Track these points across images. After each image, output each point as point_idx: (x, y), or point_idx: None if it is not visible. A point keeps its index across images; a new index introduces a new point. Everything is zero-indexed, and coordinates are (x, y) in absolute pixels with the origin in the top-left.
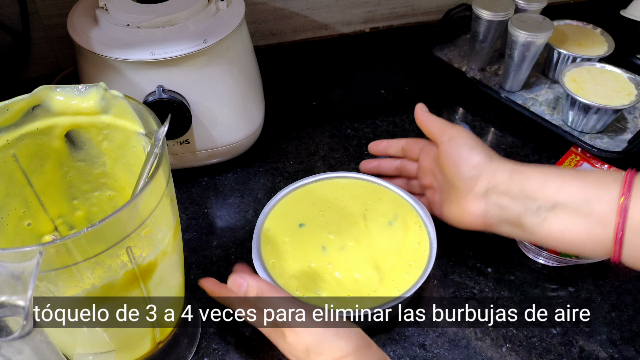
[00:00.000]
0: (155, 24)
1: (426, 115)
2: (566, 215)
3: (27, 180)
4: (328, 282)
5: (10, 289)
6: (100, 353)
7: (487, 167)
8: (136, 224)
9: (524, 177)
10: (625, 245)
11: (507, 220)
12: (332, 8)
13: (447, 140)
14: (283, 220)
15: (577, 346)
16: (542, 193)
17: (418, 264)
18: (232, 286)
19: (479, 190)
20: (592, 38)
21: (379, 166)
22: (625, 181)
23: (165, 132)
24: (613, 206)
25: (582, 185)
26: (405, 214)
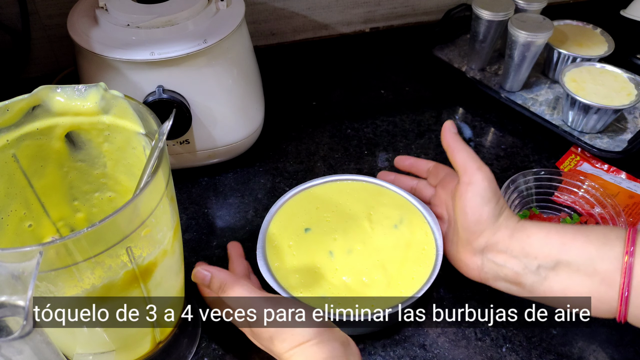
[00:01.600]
0: (155, 24)
1: (454, 140)
2: (568, 274)
3: (28, 182)
4: (335, 286)
5: (10, 289)
6: (100, 353)
7: (491, 225)
8: (136, 224)
9: (525, 235)
10: (631, 304)
11: (504, 277)
12: (332, 8)
13: (466, 182)
14: (288, 224)
15: (577, 346)
16: (543, 251)
17: (424, 268)
18: (196, 278)
19: (477, 246)
20: (592, 38)
21: (395, 181)
22: (629, 238)
23: (169, 126)
24: (617, 265)
25: (585, 242)
26: (411, 216)
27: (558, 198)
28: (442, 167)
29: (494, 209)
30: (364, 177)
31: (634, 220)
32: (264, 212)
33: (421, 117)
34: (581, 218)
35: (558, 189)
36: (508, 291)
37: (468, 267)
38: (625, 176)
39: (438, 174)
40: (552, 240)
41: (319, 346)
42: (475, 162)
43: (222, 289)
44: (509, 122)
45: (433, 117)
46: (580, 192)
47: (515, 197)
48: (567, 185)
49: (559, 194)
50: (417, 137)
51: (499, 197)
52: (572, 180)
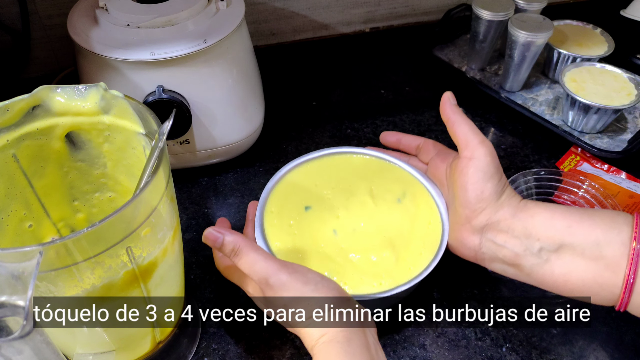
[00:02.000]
0: (155, 24)
1: (454, 112)
2: (572, 258)
3: (28, 182)
4: (341, 266)
5: (10, 289)
6: (100, 353)
7: (493, 203)
8: (136, 224)
9: (529, 215)
10: (634, 292)
11: (502, 258)
12: (332, 8)
13: (467, 157)
14: (286, 202)
15: (577, 346)
16: (547, 233)
17: (432, 242)
18: (207, 239)
19: (477, 224)
20: (592, 38)
21: None
22: (637, 224)
23: (169, 126)
24: (624, 250)
25: (591, 226)
26: (414, 190)
27: (558, 198)
28: (433, 144)
29: (496, 185)
30: (364, 150)
31: None
32: None
33: (421, 117)
34: None
35: (558, 189)
36: (504, 273)
37: (465, 247)
38: (625, 176)
39: (429, 150)
40: (557, 221)
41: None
42: (477, 136)
43: (235, 253)
44: (509, 122)
45: (433, 117)
46: (580, 192)
47: None
48: (567, 185)
49: (559, 194)
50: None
51: (501, 174)
52: (572, 180)
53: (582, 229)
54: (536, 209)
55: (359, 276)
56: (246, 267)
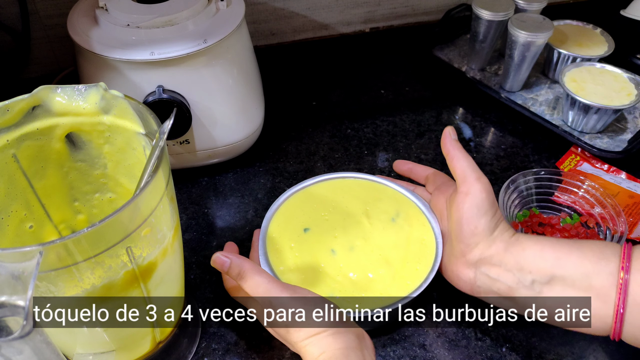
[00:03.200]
0: (155, 24)
1: (454, 147)
2: (563, 289)
3: (29, 182)
4: (341, 284)
5: (10, 289)
6: (100, 353)
7: (486, 238)
8: (136, 224)
9: (520, 248)
10: (626, 322)
11: (497, 291)
12: (332, 8)
13: (464, 192)
14: (286, 226)
15: (577, 346)
16: (538, 266)
17: (426, 258)
18: (215, 263)
19: (471, 258)
20: (592, 38)
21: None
22: (624, 254)
23: (170, 125)
24: (613, 281)
25: (580, 257)
26: (407, 209)
27: (558, 198)
28: (440, 175)
29: (490, 221)
30: (358, 174)
31: (634, 220)
32: (263, 212)
33: (421, 117)
34: (581, 218)
35: (558, 189)
36: (500, 305)
37: (460, 280)
38: (625, 176)
39: (435, 181)
40: (547, 254)
41: (334, 336)
42: (474, 172)
43: (240, 276)
44: (509, 122)
45: (433, 117)
46: (580, 192)
47: (515, 197)
48: (567, 185)
49: (559, 194)
50: (417, 137)
51: (495, 209)
52: (572, 180)
53: (571, 261)
54: (527, 242)
55: (360, 294)
56: (250, 289)
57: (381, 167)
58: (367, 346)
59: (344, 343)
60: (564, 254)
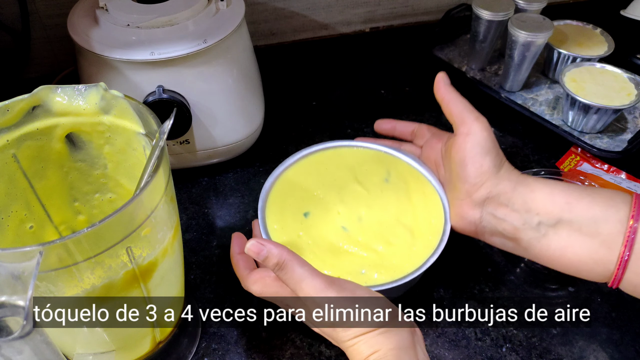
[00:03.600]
0: (155, 24)
1: (449, 91)
2: (569, 233)
3: (29, 183)
4: (369, 258)
5: (10, 289)
6: (100, 353)
7: (493, 176)
8: (136, 224)
9: (529, 189)
10: (628, 269)
11: (502, 232)
12: (332, 8)
13: (464, 133)
14: (284, 216)
15: (577, 346)
16: (546, 208)
17: (435, 207)
18: (250, 250)
19: (478, 198)
20: (592, 38)
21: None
22: (635, 203)
23: (170, 125)
24: (621, 228)
25: (590, 203)
26: (395, 166)
27: None
28: (427, 127)
29: (494, 159)
30: (333, 143)
31: None
32: None
33: (421, 117)
34: None
35: None
36: (502, 247)
37: (465, 221)
38: (625, 176)
39: (424, 134)
40: (557, 197)
41: (386, 335)
42: (472, 113)
43: (280, 267)
44: (509, 122)
45: (433, 117)
46: None
47: None
48: None
49: None
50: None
51: (498, 148)
52: (572, 180)
53: (580, 206)
54: (536, 184)
55: (390, 261)
56: (292, 282)
57: None
58: (419, 341)
59: (397, 342)
60: (574, 199)
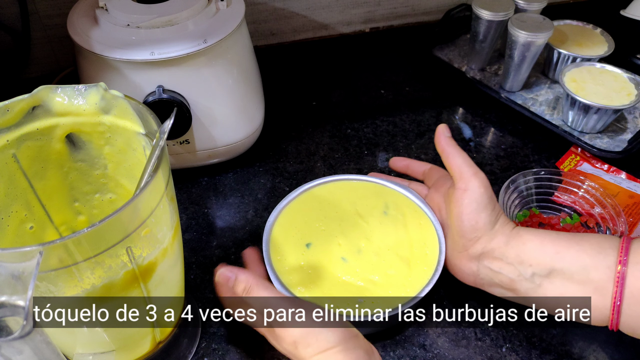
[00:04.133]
0: (155, 24)
1: (449, 144)
2: (562, 282)
3: (29, 183)
4: (365, 288)
5: (10, 289)
6: (100, 353)
7: (488, 232)
8: (136, 224)
9: (521, 242)
10: (623, 313)
11: (499, 283)
12: (332, 8)
13: (462, 188)
14: (286, 246)
15: (577, 346)
16: (538, 259)
17: (431, 238)
18: (220, 279)
19: (474, 252)
20: (592, 38)
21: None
22: (622, 248)
23: (170, 125)
24: (610, 274)
25: (578, 251)
26: (394, 200)
27: (558, 198)
28: (436, 170)
29: (490, 215)
30: (334, 177)
31: (634, 220)
32: (264, 212)
33: (421, 117)
34: (581, 218)
35: (558, 189)
36: (503, 296)
37: (464, 273)
38: (625, 176)
39: (433, 176)
40: (547, 248)
41: (344, 353)
42: (471, 168)
43: (247, 291)
44: (509, 122)
45: (433, 117)
46: (580, 192)
47: (515, 197)
48: (567, 185)
49: (559, 194)
50: (417, 137)
51: (494, 203)
52: (572, 180)
53: (570, 255)
54: (527, 235)
55: (386, 291)
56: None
57: (381, 167)
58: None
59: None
60: (563, 248)
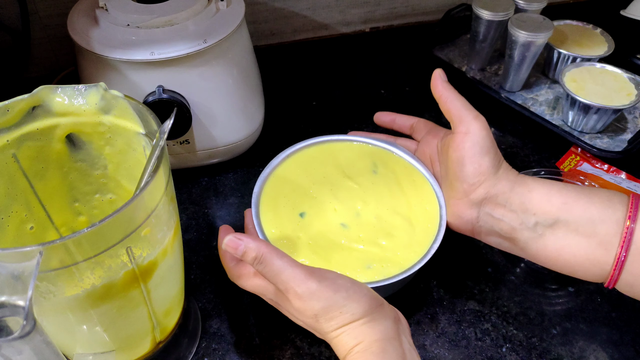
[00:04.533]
0: (155, 24)
1: (446, 88)
2: (566, 234)
3: (29, 183)
4: (374, 253)
5: (10, 289)
6: (100, 353)
7: (492, 176)
8: (136, 224)
9: (527, 189)
10: (624, 270)
11: (499, 232)
12: (332, 8)
13: (463, 132)
14: (279, 217)
15: (577, 346)
16: (543, 208)
17: (427, 193)
18: (228, 247)
19: (475, 198)
20: (592, 38)
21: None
22: (632, 204)
23: (170, 125)
24: (618, 228)
25: (587, 203)
26: (381, 157)
27: None
28: (425, 122)
29: (493, 159)
30: (315, 140)
31: None
32: None
33: (421, 117)
34: None
35: None
36: (499, 246)
37: (462, 220)
38: (625, 176)
39: (421, 129)
40: (554, 197)
41: (370, 325)
42: (471, 111)
43: (259, 261)
44: (509, 122)
45: (433, 117)
46: None
47: None
48: None
49: None
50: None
51: (496, 148)
52: (572, 180)
53: (578, 206)
54: (534, 184)
55: (394, 253)
56: (271, 275)
57: None
58: (404, 330)
59: (381, 333)
60: (571, 199)
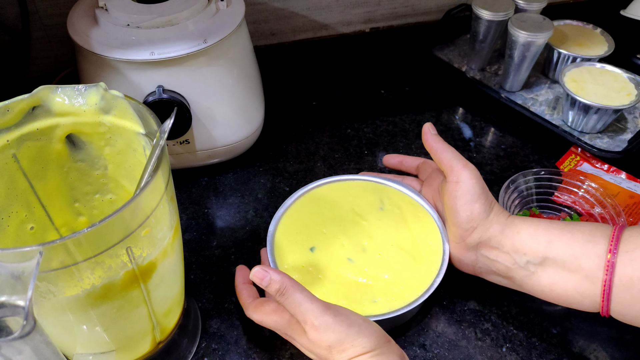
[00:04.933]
0: (155, 24)
1: (436, 141)
2: (554, 270)
3: (29, 183)
4: (379, 287)
5: (10, 289)
6: (100, 353)
7: (483, 221)
8: (136, 224)
9: (515, 231)
10: (613, 300)
11: (496, 271)
12: (332, 8)
13: (454, 181)
14: (292, 252)
15: (577, 346)
16: (532, 248)
17: (431, 229)
18: (255, 276)
19: (471, 242)
20: (592, 38)
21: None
22: (613, 237)
23: (171, 124)
24: (600, 262)
25: (570, 240)
26: (388, 194)
27: (558, 198)
28: (429, 163)
29: (484, 205)
30: (328, 179)
31: (634, 220)
32: (264, 212)
33: (421, 117)
34: (581, 218)
35: (558, 189)
36: (500, 284)
37: (462, 262)
38: (625, 176)
39: (426, 170)
40: (540, 236)
41: (378, 357)
42: (460, 161)
43: (281, 292)
44: (509, 122)
45: (433, 117)
46: (580, 192)
47: (515, 197)
48: (567, 185)
49: (559, 194)
50: (417, 137)
51: (487, 193)
52: (572, 180)
53: (562, 243)
54: (521, 225)
55: (398, 287)
56: (292, 306)
57: (381, 167)
58: None
59: None
60: (555, 237)
